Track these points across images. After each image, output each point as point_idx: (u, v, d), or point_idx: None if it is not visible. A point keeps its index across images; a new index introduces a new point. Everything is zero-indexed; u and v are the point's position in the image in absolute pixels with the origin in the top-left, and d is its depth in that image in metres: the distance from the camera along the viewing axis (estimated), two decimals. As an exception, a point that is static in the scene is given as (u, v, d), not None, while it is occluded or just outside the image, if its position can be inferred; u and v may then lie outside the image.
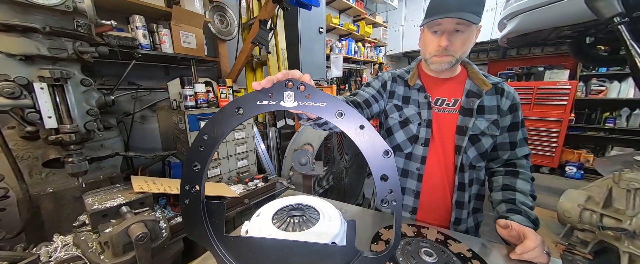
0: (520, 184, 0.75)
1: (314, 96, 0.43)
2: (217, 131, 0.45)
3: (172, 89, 1.61)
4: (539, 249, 0.57)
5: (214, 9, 1.97)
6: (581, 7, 1.38)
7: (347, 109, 0.43)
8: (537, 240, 0.58)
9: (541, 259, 0.57)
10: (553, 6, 1.47)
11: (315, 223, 0.68)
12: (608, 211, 0.44)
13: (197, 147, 0.46)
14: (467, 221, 0.83)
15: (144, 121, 1.80)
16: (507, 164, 0.82)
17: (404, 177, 0.87)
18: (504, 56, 4.26)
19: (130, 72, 1.65)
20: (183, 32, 1.64)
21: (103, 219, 0.75)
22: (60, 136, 0.77)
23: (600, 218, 0.44)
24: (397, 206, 0.45)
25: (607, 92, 3.32)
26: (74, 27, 0.76)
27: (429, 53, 0.76)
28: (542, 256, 0.57)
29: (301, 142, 2.02)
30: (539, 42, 2.23)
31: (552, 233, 2.18)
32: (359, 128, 0.43)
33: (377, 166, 0.44)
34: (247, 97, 0.44)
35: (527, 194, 0.73)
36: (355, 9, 3.53)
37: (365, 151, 0.44)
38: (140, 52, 1.44)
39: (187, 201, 0.47)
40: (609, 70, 3.31)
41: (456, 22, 0.68)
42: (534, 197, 0.75)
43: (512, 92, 0.80)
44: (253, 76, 2.22)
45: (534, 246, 0.57)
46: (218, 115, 0.45)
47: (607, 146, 3.46)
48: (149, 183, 0.94)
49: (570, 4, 1.39)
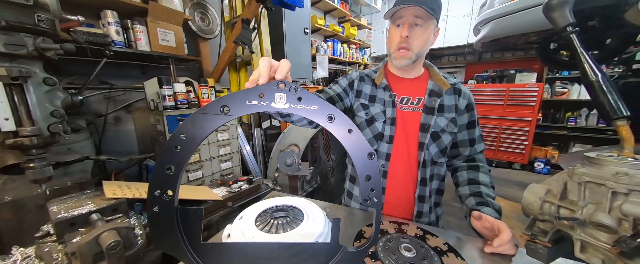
0: (482, 177, 0.83)
1: (306, 99, 0.44)
2: (197, 131, 0.43)
3: (149, 89, 1.53)
4: (511, 242, 0.63)
5: (194, 6, 1.91)
6: (538, 18, 1.51)
7: (337, 114, 0.44)
8: (510, 233, 0.64)
9: (511, 251, 0.63)
10: (520, 14, 1.59)
11: (299, 223, 0.68)
12: (564, 202, 0.48)
13: (172, 147, 0.43)
14: (430, 216, 0.89)
15: (119, 122, 1.70)
16: (468, 160, 0.90)
17: None
18: (480, 59, 4.52)
19: (103, 71, 1.56)
20: (161, 29, 1.57)
21: (70, 228, 0.70)
22: (20, 139, 0.70)
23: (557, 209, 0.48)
24: (378, 203, 0.47)
25: (569, 94, 3.64)
26: (34, 22, 0.70)
27: (393, 48, 0.81)
28: (512, 248, 0.63)
29: (287, 143, 2.01)
30: (510, 46, 2.39)
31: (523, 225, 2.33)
32: (348, 132, 0.44)
33: (362, 167, 0.46)
34: (235, 96, 0.43)
35: (489, 186, 0.81)
36: (340, 11, 3.57)
37: (351, 152, 0.46)
38: (112, 49, 1.36)
39: (155, 209, 0.43)
40: (571, 73, 3.63)
41: (415, 13, 0.74)
42: (493, 187, 0.83)
43: (468, 93, 0.87)
44: (237, 76, 2.17)
45: (509, 238, 0.63)
46: (200, 113, 0.43)
47: (569, 143, 3.78)
48: (122, 188, 0.89)
49: (534, 13, 1.51)
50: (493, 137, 3.83)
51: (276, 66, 0.47)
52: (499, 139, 3.81)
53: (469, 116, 0.87)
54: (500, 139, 3.80)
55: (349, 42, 4.04)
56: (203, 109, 0.43)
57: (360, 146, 0.46)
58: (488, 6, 1.84)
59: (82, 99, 0.88)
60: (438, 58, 4.83)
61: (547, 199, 0.50)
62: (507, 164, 3.88)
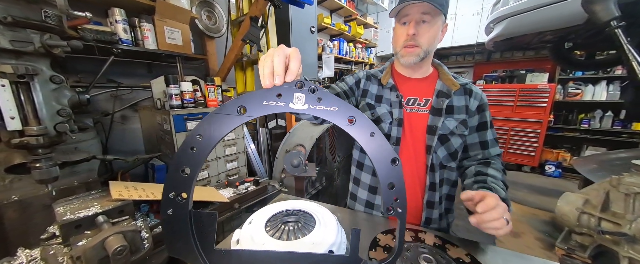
0: (492, 171, 0.75)
1: (325, 99, 0.41)
2: (214, 132, 0.41)
3: (155, 88, 1.52)
4: (498, 211, 0.53)
5: (201, 4, 1.89)
6: (564, 13, 1.44)
7: (358, 116, 0.41)
8: (497, 200, 0.55)
9: (498, 224, 0.53)
10: (538, 11, 1.53)
11: (311, 230, 0.65)
12: (606, 214, 0.44)
13: (188, 148, 0.41)
14: (439, 223, 0.84)
15: (125, 121, 1.69)
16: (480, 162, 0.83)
17: (375, 177, 0.87)
18: (489, 59, 4.42)
19: (110, 69, 1.55)
20: (168, 27, 1.56)
21: (76, 230, 0.68)
22: (25, 139, 0.68)
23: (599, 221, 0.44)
24: (403, 214, 0.43)
25: (583, 95, 3.53)
26: (41, 18, 0.68)
27: (399, 46, 0.77)
28: (500, 221, 0.53)
29: (293, 143, 1.98)
30: (523, 45, 2.32)
31: (535, 230, 2.29)
32: (370, 135, 0.41)
33: (385, 174, 0.43)
34: (253, 96, 0.41)
35: (498, 179, 0.72)
36: (346, 9, 3.53)
37: (373, 158, 0.42)
38: (119, 47, 1.35)
39: (170, 212, 0.42)
40: (584, 74, 3.52)
41: (422, 10, 0.70)
42: (506, 185, 0.73)
43: (480, 93, 0.82)
44: (243, 75, 2.15)
45: (494, 204, 0.54)
46: (216, 113, 0.40)
47: (582, 145, 3.67)
48: (129, 189, 0.87)
49: (554, 10, 1.44)
50: (502, 139, 3.74)
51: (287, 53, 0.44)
52: (508, 141, 3.72)
53: (479, 117, 0.81)
54: (509, 140, 3.71)
55: (355, 41, 3.99)
56: (219, 109, 0.41)
57: (383, 150, 0.42)
58: (502, 4, 1.78)
59: (89, 97, 0.86)
60: (445, 58, 4.74)
61: (585, 210, 0.46)
62: (516, 166, 3.79)
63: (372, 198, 0.90)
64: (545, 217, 2.50)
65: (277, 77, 0.41)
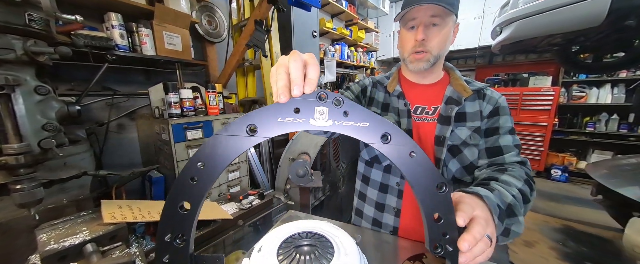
0: (506, 177, 0.58)
1: (353, 113, 0.33)
2: (218, 158, 0.33)
3: (153, 96, 1.44)
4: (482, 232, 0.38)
5: (201, 8, 1.83)
6: (581, 15, 1.40)
7: (394, 132, 0.33)
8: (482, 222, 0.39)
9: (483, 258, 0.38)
10: (552, 13, 1.48)
11: (330, 258, 0.57)
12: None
13: (187, 179, 0.33)
14: None
15: (121, 130, 1.61)
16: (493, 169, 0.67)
17: (383, 193, 0.80)
18: (491, 62, 4.40)
19: (105, 77, 1.47)
20: (167, 32, 1.49)
21: (60, 262, 0.59)
22: (3, 158, 0.60)
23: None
24: (454, 254, 0.36)
25: (587, 98, 3.49)
26: (24, 22, 0.61)
27: (407, 52, 0.71)
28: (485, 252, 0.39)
29: (297, 150, 1.90)
30: (530, 48, 2.28)
31: (548, 239, 2.20)
32: (409, 155, 0.34)
33: (429, 202, 0.35)
34: (265, 112, 0.33)
35: (511, 185, 0.56)
36: (347, 14, 3.49)
37: (413, 182, 0.35)
38: (116, 53, 1.28)
39: (166, 259, 0.34)
40: (588, 77, 3.49)
41: (431, 12, 0.64)
42: (525, 198, 0.56)
43: (495, 96, 0.72)
44: (244, 80, 2.08)
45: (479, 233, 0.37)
46: (221, 135, 0.33)
47: (588, 149, 3.62)
48: (123, 209, 0.79)
49: (570, 12, 1.40)
50: (507, 143, 3.68)
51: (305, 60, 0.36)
52: (513, 145, 3.66)
53: (489, 122, 0.71)
54: (514, 144, 3.65)
55: (356, 46, 3.96)
56: (225, 130, 0.33)
57: (426, 173, 0.35)
58: (511, 6, 1.74)
59: (79, 109, 0.78)
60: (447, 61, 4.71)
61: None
62: (522, 171, 3.72)
63: (379, 216, 0.82)
64: (557, 224, 2.42)
65: (296, 87, 0.33)
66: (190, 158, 0.33)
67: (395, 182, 0.78)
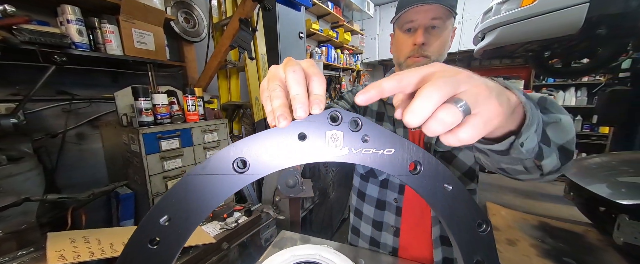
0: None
1: (374, 137, 0.26)
2: (193, 208, 0.24)
3: (121, 101, 1.27)
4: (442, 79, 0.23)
5: (177, 5, 1.67)
6: (558, 23, 1.47)
7: (426, 159, 0.26)
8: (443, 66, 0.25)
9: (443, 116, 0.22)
10: (530, 21, 1.54)
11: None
12: None
13: (144, 244, 0.23)
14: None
15: (82, 140, 1.40)
16: None
17: (380, 210, 0.75)
18: (469, 66, 4.61)
19: (62, 79, 1.28)
20: (137, 30, 1.32)
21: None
22: None
23: None
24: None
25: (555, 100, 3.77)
26: None
27: (403, 56, 0.66)
28: (447, 109, 0.22)
29: (285, 158, 1.80)
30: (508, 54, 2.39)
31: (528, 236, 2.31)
32: (443, 188, 0.27)
33: (467, 243, 0.28)
34: (258, 141, 0.25)
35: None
36: (333, 16, 3.46)
37: (449, 220, 0.28)
38: (71, 53, 1.10)
39: None
40: (555, 81, 3.76)
41: (432, 14, 0.59)
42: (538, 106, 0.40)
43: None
44: (227, 83, 1.94)
45: (432, 71, 0.24)
46: (195, 176, 0.24)
47: (557, 147, 3.90)
48: (76, 243, 0.64)
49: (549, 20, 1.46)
50: (486, 144, 3.86)
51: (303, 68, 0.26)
52: (492, 145, 3.84)
53: None
54: (492, 145, 3.83)
55: (342, 48, 3.93)
56: (202, 168, 0.24)
57: (465, 209, 0.28)
58: (494, 13, 1.79)
59: (17, 121, 0.63)
60: (429, 65, 4.86)
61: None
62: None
63: (377, 236, 0.76)
64: (535, 222, 2.55)
65: (299, 106, 0.24)
66: (152, 209, 0.23)
67: (393, 198, 0.72)
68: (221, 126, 1.53)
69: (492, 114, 0.23)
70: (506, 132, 0.32)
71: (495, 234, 2.22)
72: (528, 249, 2.10)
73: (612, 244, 2.01)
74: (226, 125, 1.57)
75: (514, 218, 2.69)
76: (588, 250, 2.06)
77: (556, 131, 0.39)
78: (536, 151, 0.35)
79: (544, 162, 0.38)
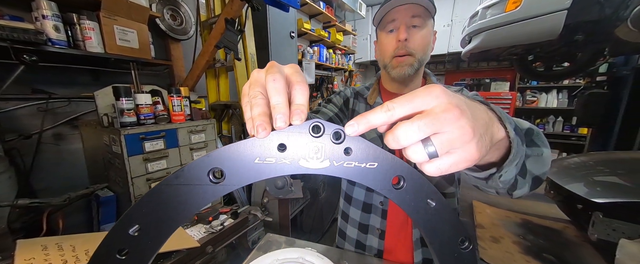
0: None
1: (357, 149, 0.25)
2: (164, 218, 0.24)
3: (101, 101, 1.22)
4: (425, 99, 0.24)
5: (163, 1, 1.63)
6: (540, 28, 1.52)
7: (409, 173, 0.26)
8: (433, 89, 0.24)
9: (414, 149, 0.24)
10: (515, 26, 1.59)
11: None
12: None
13: (111, 255, 0.23)
14: None
15: (60, 141, 1.34)
16: None
17: (366, 213, 0.76)
18: (458, 68, 4.72)
19: (38, 77, 1.22)
20: (119, 27, 1.28)
21: None
22: None
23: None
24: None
25: (538, 102, 3.92)
26: None
27: (388, 56, 0.68)
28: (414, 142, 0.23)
29: (275, 159, 1.79)
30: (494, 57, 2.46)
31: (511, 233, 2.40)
32: (427, 203, 0.27)
33: (449, 262, 0.29)
34: (235, 151, 0.24)
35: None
36: (325, 15, 3.45)
37: (431, 237, 0.29)
38: (47, 50, 1.05)
39: None
40: (539, 83, 3.91)
41: (412, 13, 0.62)
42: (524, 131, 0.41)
43: (470, 94, 0.69)
44: (216, 82, 1.90)
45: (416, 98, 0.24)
46: (169, 185, 0.23)
47: (539, 147, 4.05)
48: (48, 251, 0.61)
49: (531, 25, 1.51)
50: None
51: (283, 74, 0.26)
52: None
53: None
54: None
55: (335, 48, 3.94)
56: (175, 177, 0.23)
57: (447, 226, 0.29)
58: (479, 17, 1.84)
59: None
60: (419, 66, 4.95)
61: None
62: (487, 169, 4.04)
63: (363, 238, 0.78)
64: (518, 219, 2.65)
65: (279, 116, 0.23)
66: (121, 218, 0.23)
67: (379, 201, 0.74)
68: (209, 126, 1.50)
69: (464, 159, 0.24)
70: (487, 163, 0.33)
71: (481, 232, 2.29)
72: (511, 246, 2.18)
73: (588, 240, 2.11)
74: (214, 125, 1.54)
75: (499, 216, 2.78)
76: (566, 246, 2.16)
77: (536, 164, 0.39)
78: (512, 182, 0.36)
79: (515, 192, 0.39)
